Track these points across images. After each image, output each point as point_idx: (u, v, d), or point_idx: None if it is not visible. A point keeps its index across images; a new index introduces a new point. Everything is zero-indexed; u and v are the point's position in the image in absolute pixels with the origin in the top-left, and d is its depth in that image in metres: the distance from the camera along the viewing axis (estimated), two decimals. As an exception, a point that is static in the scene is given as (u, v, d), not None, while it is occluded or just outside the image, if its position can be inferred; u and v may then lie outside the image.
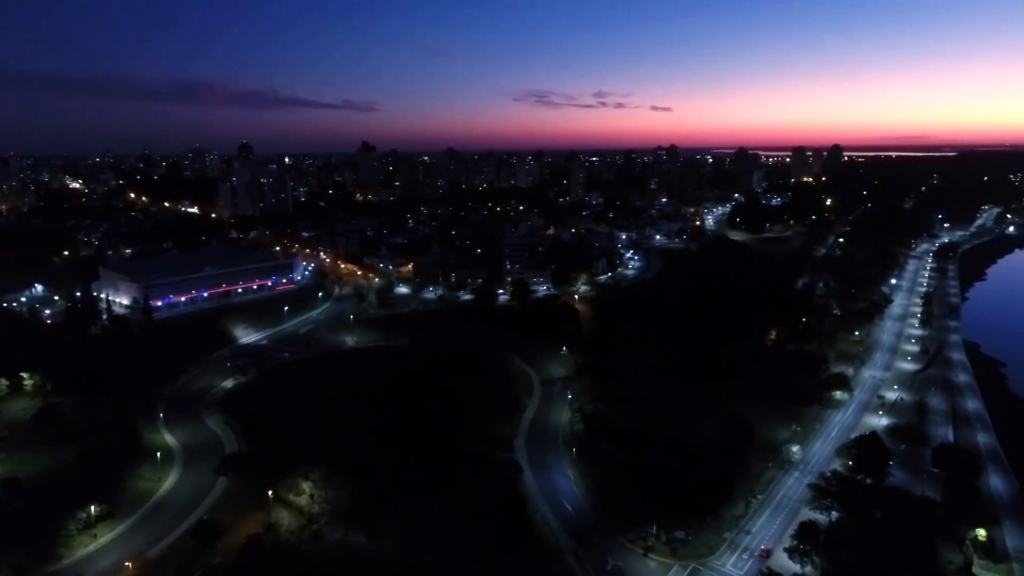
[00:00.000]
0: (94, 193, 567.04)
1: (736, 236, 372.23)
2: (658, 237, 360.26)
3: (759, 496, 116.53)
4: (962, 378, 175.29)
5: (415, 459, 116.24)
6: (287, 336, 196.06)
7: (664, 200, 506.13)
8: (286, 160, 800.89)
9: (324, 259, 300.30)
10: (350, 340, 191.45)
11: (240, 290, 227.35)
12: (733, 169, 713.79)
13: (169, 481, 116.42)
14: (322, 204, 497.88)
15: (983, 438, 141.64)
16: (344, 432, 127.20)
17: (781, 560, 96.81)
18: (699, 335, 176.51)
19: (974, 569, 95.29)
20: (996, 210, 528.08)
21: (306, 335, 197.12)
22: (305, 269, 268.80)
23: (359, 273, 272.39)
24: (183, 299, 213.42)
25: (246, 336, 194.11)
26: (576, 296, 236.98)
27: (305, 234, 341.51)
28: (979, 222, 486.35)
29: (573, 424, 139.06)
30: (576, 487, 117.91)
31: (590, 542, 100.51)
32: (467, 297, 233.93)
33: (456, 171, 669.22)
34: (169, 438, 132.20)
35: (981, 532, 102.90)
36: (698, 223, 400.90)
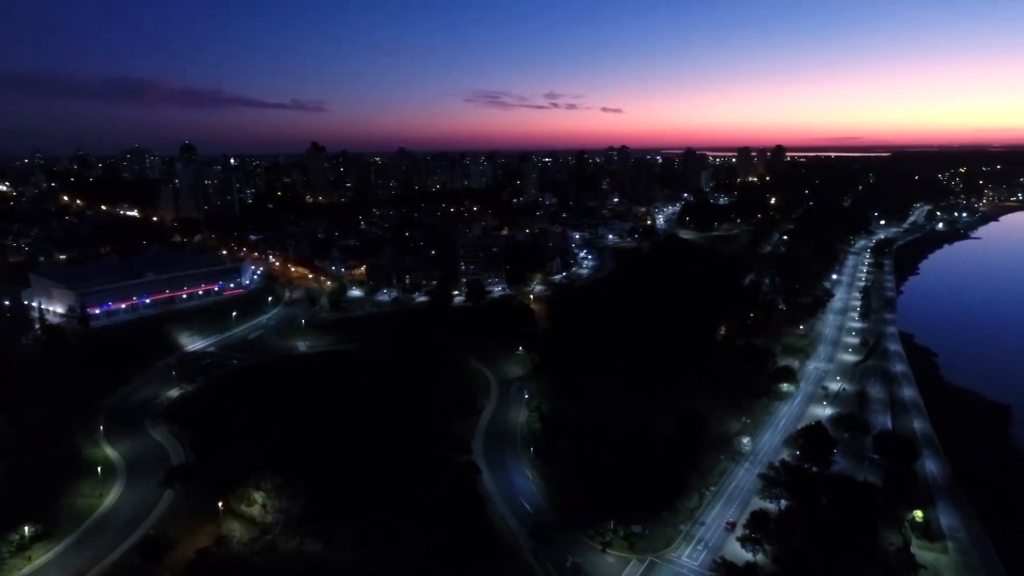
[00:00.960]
0: (23, 196, 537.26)
1: (686, 235, 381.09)
2: (611, 236, 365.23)
3: (712, 488, 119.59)
4: (899, 368, 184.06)
5: (371, 464, 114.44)
6: (236, 342, 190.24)
7: (616, 200, 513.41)
8: (232, 161, 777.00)
9: (274, 263, 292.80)
10: (302, 345, 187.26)
11: (185, 296, 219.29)
12: (682, 169, 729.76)
13: (111, 497, 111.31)
14: (270, 206, 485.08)
15: (918, 424, 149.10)
16: (297, 439, 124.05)
17: (734, 549, 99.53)
18: (652, 332, 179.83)
19: (912, 549, 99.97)
20: (926, 208, 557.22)
21: (256, 341, 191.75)
22: (254, 273, 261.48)
23: (310, 276, 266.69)
24: (123, 306, 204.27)
25: (192, 343, 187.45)
26: (531, 296, 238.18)
27: (253, 237, 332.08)
28: (911, 219, 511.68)
29: (531, 423, 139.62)
30: (534, 486, 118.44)
31: (549, 540, 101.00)
32: (422, 299, 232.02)
33: (408, 172, 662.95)
34: (110, 452, 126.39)
35: (918, 513, 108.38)
36: (649, 222, 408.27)
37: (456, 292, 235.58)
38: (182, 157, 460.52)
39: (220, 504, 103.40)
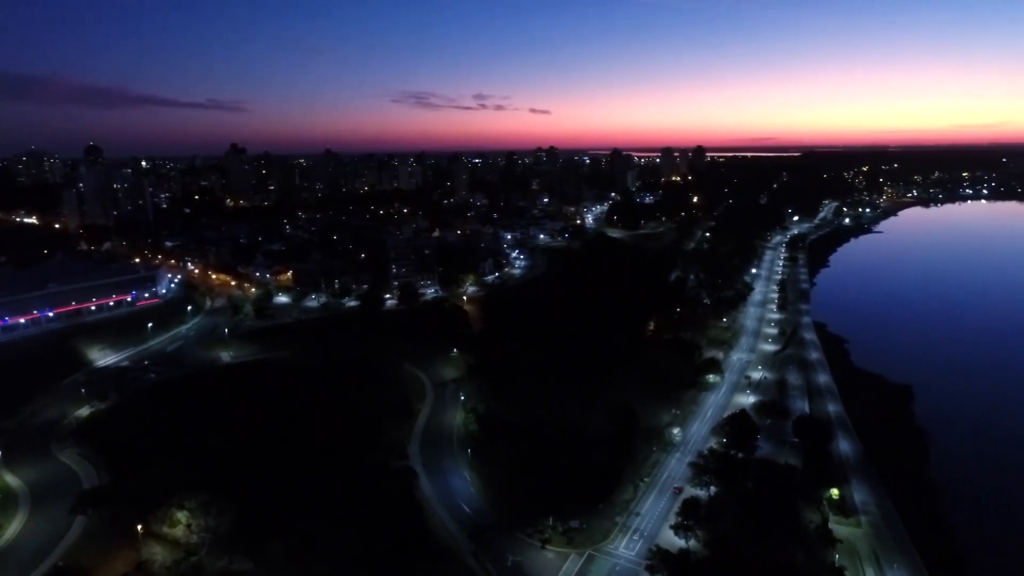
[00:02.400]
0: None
1: (614, 233, 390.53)
2: (542, 236, 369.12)
3: (646, 479, 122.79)
4: (814, 355, 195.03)
5: (304, 475, 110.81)
6: (153, 355, 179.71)
7: (546, 200, 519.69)
8: (143, 164, 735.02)
9: (192, 270, 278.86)
10: (226, 355, 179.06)
11: (94, 308, 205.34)
12: (609, 169, 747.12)
13: (13, 527, 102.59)
14: (187, 211, 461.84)
15: (833, 407, 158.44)
16: (224, 454, 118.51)
17: (668, 537, 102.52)
18: (585, 329, 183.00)
19: (830, 525, 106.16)
20: (834, 204, 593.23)
21: (175, 353, 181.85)
22: (171, 282, 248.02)
23: (233, 283, 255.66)
24: (22, 320, 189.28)
25: (104, 358, 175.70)
26: (464, 297, 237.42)
27: (169, 244, 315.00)
28: (821, 215, 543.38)
29: (467, 425, 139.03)
30: (473, 487, 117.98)
31: (489, 541, 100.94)
32: (352, 303, 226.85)
33: (335, 174, 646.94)
34: (11, 479, 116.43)
35: (834, 491, 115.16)
36: (579, 222, 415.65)
37: (387, 295, 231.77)
38: (86, 160, 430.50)
39: (139, 527, 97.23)
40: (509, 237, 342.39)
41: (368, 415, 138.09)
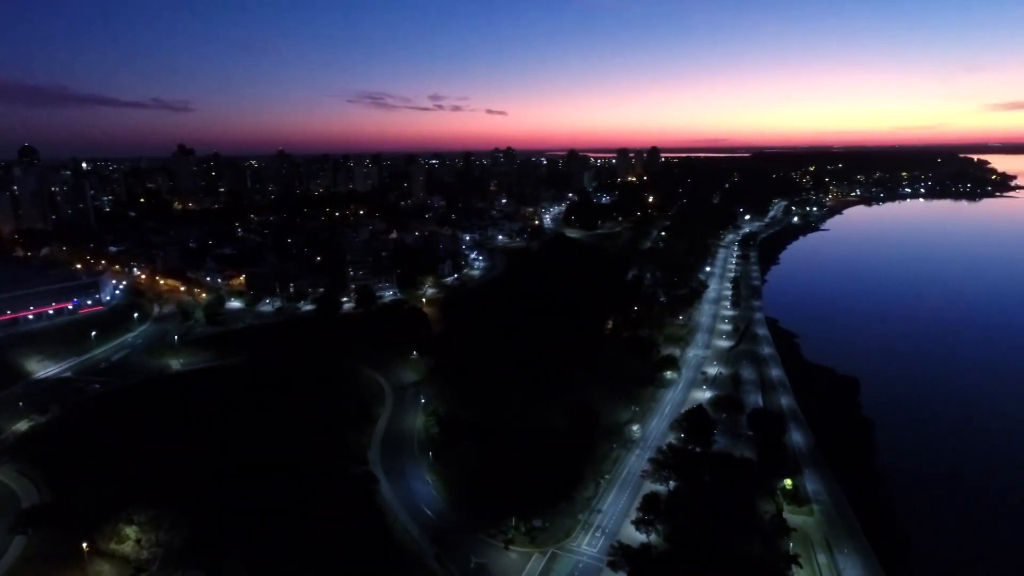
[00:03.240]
0: None
1: (572, 233, 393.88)
2: (500, 237, 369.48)
3: (607, 476, 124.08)
4: (766, 350, 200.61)
5: (261, 485, 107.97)
6: (97, 365, 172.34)
7: (504, 201, 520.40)
8: (84, 165, 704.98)
9: (139, 275, 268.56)
10: (176, 363, 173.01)
11: (31, 316, 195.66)
12: (566, 170, 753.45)
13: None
14: (132, 214, 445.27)
15: (785, 400, 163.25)
16: (175, 466, 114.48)
17: (629, 532, 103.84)
18: (544, 329, 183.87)
19: (784, 514, 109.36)
20: (783, 203, 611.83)
21: (121, 362, 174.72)
22: (115, 288, 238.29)
23: (182, 289, 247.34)
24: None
25: (43, 369, 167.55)
26: (423, 299, 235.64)
27: (113, 249, 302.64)
28: (771, 214, 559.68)
29: (428, 428, 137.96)
30: (435, 491, 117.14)
31: (452, 543, 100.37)
32: (309, 307, 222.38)
33: (288, 176, 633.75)
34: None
35: (788, 482, 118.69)
36: (537, 222, 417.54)
37: (345, 299, 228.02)
38: (21, 161, 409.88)
39: (84, 545, 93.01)
40: (468, 238, 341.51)
41: (326, 421, 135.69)
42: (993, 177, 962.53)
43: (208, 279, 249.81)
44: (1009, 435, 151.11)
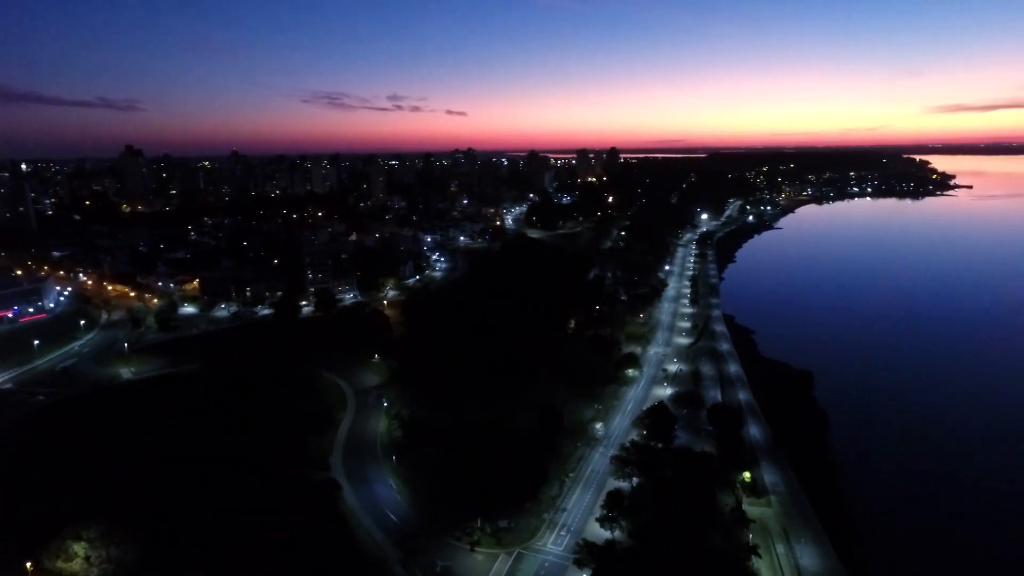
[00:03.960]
0: None
1: (534, 234, 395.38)
2: (462, 238, 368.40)
3: (571, 475, 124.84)
4: (724, 347, 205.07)
5: (219, 495, 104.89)
6: (41, 375, 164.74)
7: (465, 201, 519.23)
8: (23, 167, 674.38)
9: (85, 281, 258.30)
10: (126, 372, 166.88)
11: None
12: (527, 171, 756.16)
13: None
14: (77, 218, 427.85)
15: (743, 395, 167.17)
16: (127, 478, 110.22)
17: (594, 530, 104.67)
18: (507, 329, 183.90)
19: (744, 506, 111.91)
20: (739, 202, 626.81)
21: (67, 371, 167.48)
22: (60, 294, 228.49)
23: (132, 295, 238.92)
24: None
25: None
26: (385, 302, 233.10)
27: (57, 253, 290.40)
28: (727, 213, 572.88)
29: (391, 432, 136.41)
30: (399, 495, 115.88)
31: (417, 547, 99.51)
32: (266, 312, 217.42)
33: (243, 177, 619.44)
34: None
35: (747, 474, 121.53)
36: (498, 223, 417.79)
37: (304, 302, 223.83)
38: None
39: (28, 564, 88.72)
40: (429, 239, 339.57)
41: (286, 427, 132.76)
42: (934, 177, 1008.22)
43: (160, 284, 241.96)
44: (954, 421, 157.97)
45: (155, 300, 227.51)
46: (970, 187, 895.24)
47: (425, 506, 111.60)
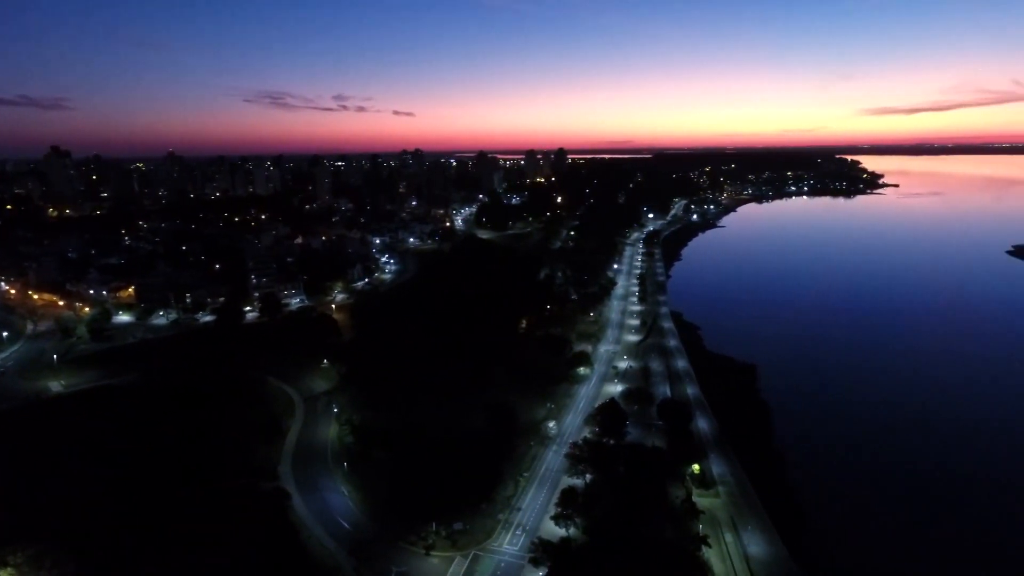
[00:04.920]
0: None
1: (484, 234, 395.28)
2: (411, 240, 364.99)
3: (525, 474, 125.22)
4: (672, 343, 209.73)
5: (161, 510, 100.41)
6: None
7: (414, 203, 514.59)
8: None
9: (8, 290, 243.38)
10: (56, 385, 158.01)
11: None
12: (476, 172, 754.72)
13: None
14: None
15: (691, 390, 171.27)
16: (59, 498, 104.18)
17: (550, 528, 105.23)
18: (459, 331, 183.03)
19: (693, 498, 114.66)
20: (684, 202, 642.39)
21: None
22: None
23: (61, 303, 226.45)
24: None
25: None
26: (333, 306, 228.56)
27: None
28: (673, 212, 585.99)
29: (342, 437, 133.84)
30: (351, 502, 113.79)
31: (371, 554, 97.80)
32: (208, 318, 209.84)
33: (181, 179, 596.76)
34: None
35: (696, 467, 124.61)
36: (448, 224, 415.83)
37: (248, 308, 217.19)
38: None
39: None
40: (378, 241, 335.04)
41: (231, 437, 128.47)
42: (864, 176, 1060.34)
43: (92, 292, 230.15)
44: (888, 407, 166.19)
45: (86, 309, 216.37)
46: (897, 186, 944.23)
47: (378, 512, 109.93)
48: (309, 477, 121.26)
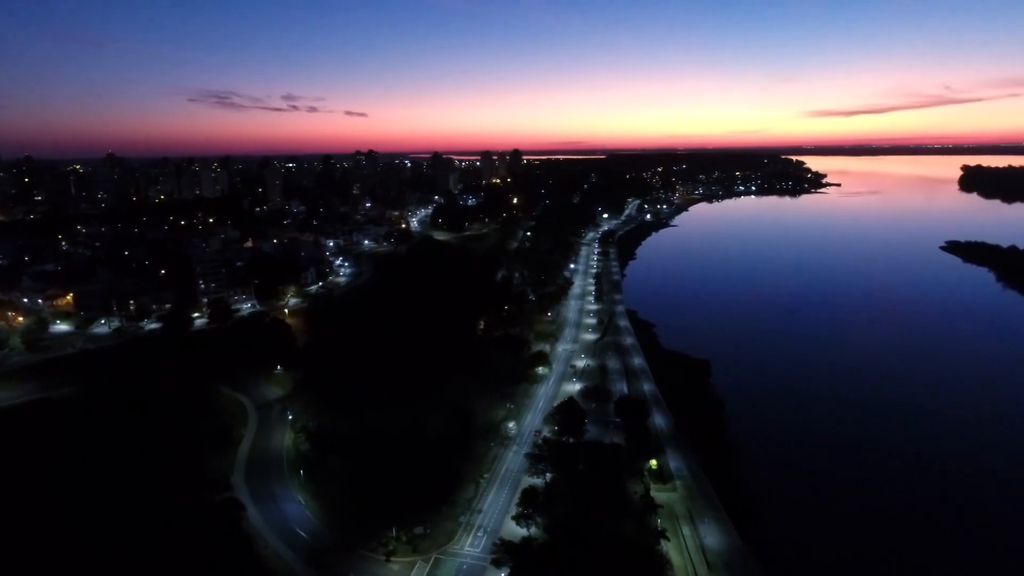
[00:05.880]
0: None
1: (440, 236, 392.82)
2: (367, 242, 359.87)
3: (486, 476, 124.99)
4: (628, 340, 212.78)
5: (108, 528, 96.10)
6: None
7: (368, 205, 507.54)
8: None
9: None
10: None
11: None
12: (431, 173, 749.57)
13: None
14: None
15: (647, 386, 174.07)
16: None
17: (510, 528, 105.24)
18: (416, 333, 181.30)
19: (651, 493, 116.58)
20: (637, 202, 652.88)
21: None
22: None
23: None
24: None
25: None
26: (287, 310, 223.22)
27: None
28: (627, 212, 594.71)
29: (298, 445, 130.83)
30: (308, 511, 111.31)
31: (330, 563, 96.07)
32: (154, 326, 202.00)
33: (122, 181, 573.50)
34: None
35: (653, 462, 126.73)
36: (404, 226, 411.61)
37: (196, 314, 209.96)
38: None
39: None
40: (332, 244, 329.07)
41: (181, 449, 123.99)
42: (808, 176, 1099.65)
43: (26, 300, 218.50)
44: (836, 397, 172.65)
45: (20, 318, 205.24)
46: (839, 185, 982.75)
47: (337, 520, 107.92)
48: (264, 487, 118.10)
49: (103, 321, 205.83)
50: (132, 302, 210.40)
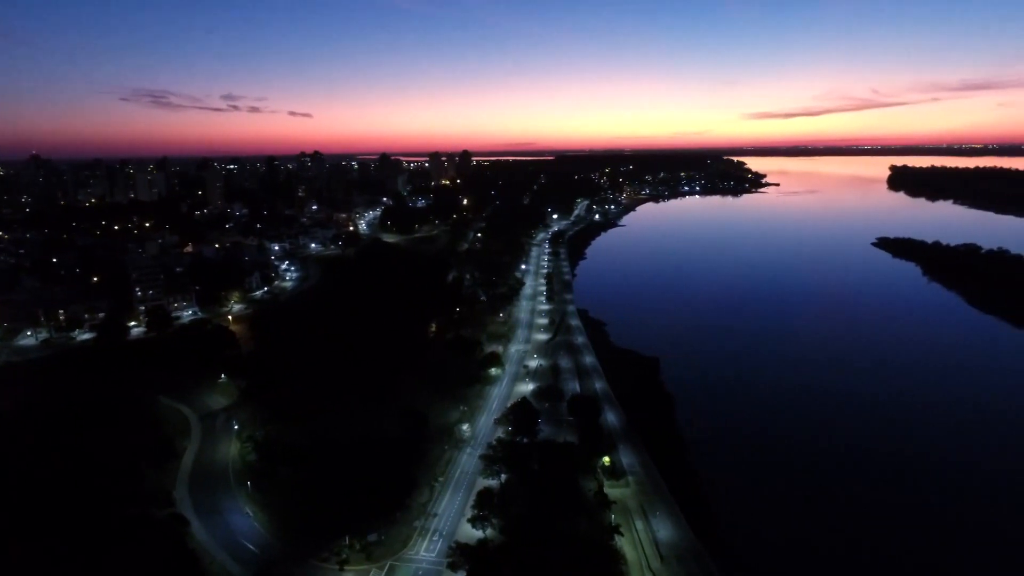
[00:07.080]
0: None
1: (389, 238, 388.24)
2: (313, 245, 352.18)
3: (440, 479, 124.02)
4: (580, 339, 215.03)
5: (43, 548, 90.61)
6: None
7: (315, 207, 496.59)
8: None
9: None
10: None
11: None
12: (379, 174, 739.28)
13: None
14: None
15: (599, 384, 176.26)
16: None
17: (466, 531, 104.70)
18: (367, 337, 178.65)
19: (605, 489, 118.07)
20: (586, 202, 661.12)
21: None
22: None
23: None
24: None
25: None
26: (230, 317, 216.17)
27: None
28: (576, 212, 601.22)
29: (244, 455, 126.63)
30: (257, 523, 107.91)
31: (279, 575, 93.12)
32: (87, 336, 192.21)
33: (48, 185, 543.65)
34: None
35: (606, 459, 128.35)
36: (352, 228, 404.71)
37: (133, 323, 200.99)
38: None
39: None
40: (277, 248, 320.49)
41: (119, 464, 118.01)
42: (749, 176, 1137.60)
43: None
44: (779, 389, 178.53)
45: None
46: (778, 185, 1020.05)
47: (287, 530, 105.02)
48: (209, 500, 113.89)
49: (29, 332, 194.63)
50: (62, 311, 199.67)
